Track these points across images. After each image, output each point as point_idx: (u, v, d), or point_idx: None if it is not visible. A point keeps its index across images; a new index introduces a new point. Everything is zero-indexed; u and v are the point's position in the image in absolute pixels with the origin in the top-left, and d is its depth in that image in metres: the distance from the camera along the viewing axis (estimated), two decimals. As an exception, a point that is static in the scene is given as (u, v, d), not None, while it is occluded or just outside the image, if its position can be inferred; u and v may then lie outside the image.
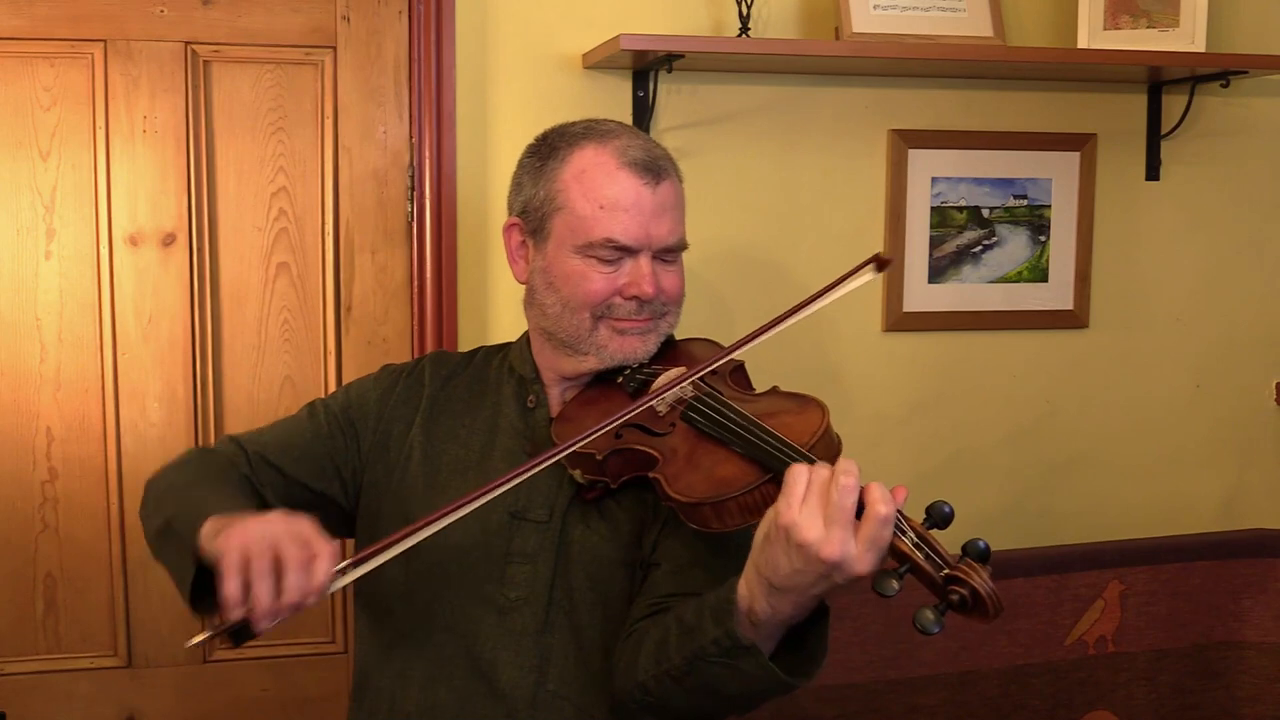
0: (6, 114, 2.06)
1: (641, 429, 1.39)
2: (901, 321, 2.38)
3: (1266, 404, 2.58)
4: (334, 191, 2.17)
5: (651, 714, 1.35)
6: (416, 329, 2.19)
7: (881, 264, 1.43)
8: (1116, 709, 2.26)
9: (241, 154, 2.14)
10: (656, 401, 1.39)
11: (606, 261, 1.47)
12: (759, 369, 1.54)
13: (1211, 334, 2.54)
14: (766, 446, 1.27)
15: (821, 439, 1.29)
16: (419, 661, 1.48)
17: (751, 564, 1.21)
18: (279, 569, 1.17)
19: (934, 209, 2.38)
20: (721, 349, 1.56)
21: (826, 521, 1.13)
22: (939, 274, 2.39)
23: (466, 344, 2.15)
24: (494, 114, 2.17)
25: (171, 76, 2.10)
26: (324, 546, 1.19)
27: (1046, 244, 2.44)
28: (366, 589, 1.58)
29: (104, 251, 2.10)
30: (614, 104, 2.19)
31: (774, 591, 1.18)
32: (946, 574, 1.15)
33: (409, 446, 1.56)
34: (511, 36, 2.17)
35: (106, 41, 2.07)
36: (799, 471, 1.16)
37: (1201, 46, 2.27)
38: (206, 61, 2.12)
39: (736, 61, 2.19)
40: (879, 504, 1.13)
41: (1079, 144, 2.42)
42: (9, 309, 2.09)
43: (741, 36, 2.13)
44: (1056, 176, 2.43)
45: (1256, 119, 2.51)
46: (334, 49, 2.15)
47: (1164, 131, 2.45)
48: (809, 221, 2.32)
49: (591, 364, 1.50)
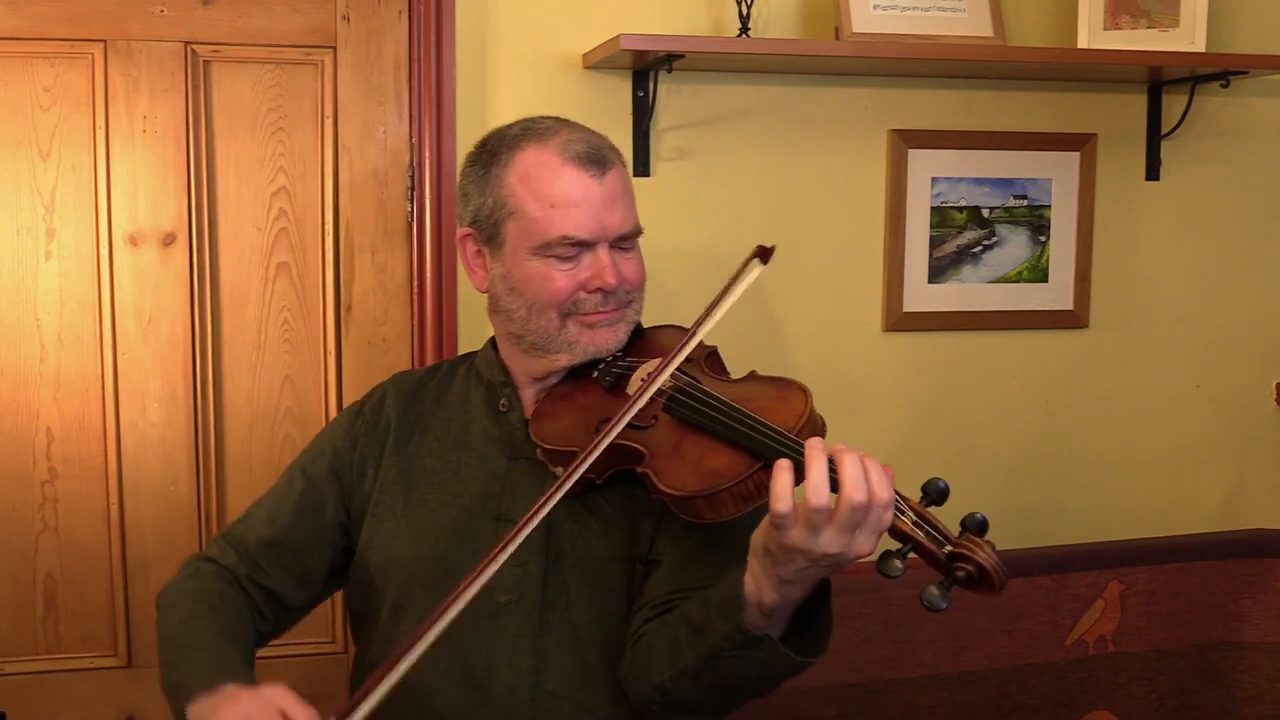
0: (6, 114, 2.06)
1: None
2: (901, 321, 2.38)
3: (1266, 404, 2.58)
4: (334, 191, 2.17)
5: (673, 712, 1.36)
6: (416, 329, 2.19)
7: (764, 255, 1.40)
8: (1116, 709, 2.26)
9: (241, 154, 2.14)
10: (642, 401, 1.39)
11: (565, 259, 1.47)
12: (752, 361, 1.54)
13: (1211, 334, 2.54)
14: (755, 434, 1.27)
15: (807, 423, 1.29)
16: (410, 675, 1.48)
17: (755, 564, 1.22)
18: None
19: (934, 209, 2.38)
20: (688, 332, 1.56)
21: (830, 530, 1.15)
22: (939, 274, 2.39)
23: (466, 344, 2.15)
24: (494, 114, 2.16)
25: (171, 76, 2.10)
26: (301, 713, 1.25)
27: (1046, 244, 2.44)
28: (354, 606, 1.58)
29: (104, 251, 2.10)
30: (614, 104, 2.19)
31: (783, 584, 1.20)
32: (950, 550, 1.16)
33: (383, 474, 1.56)
34: (511, 36, 2.17)
35: (106, 41, 2.07)
36: (783, 483, 1.17)
37: (1201, 46, 2.27)
38: (206, 61, 2.12)
39: (736, 61, 2.19)
40: (878, 490, 1.15)
41: (1079, 144, 2.42)
42: (9, 309, 2.09)
43: (741, 36, 2.13)
44: (1056, 176, 2.43)
45: (1256, 119, 2.51)
46: (334, 49, 2.15)
47: (1164, 132, 2.45)
48: (809, 221, 2.32)
49: (564, 361, 1.50)
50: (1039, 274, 2.44)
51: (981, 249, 2.41)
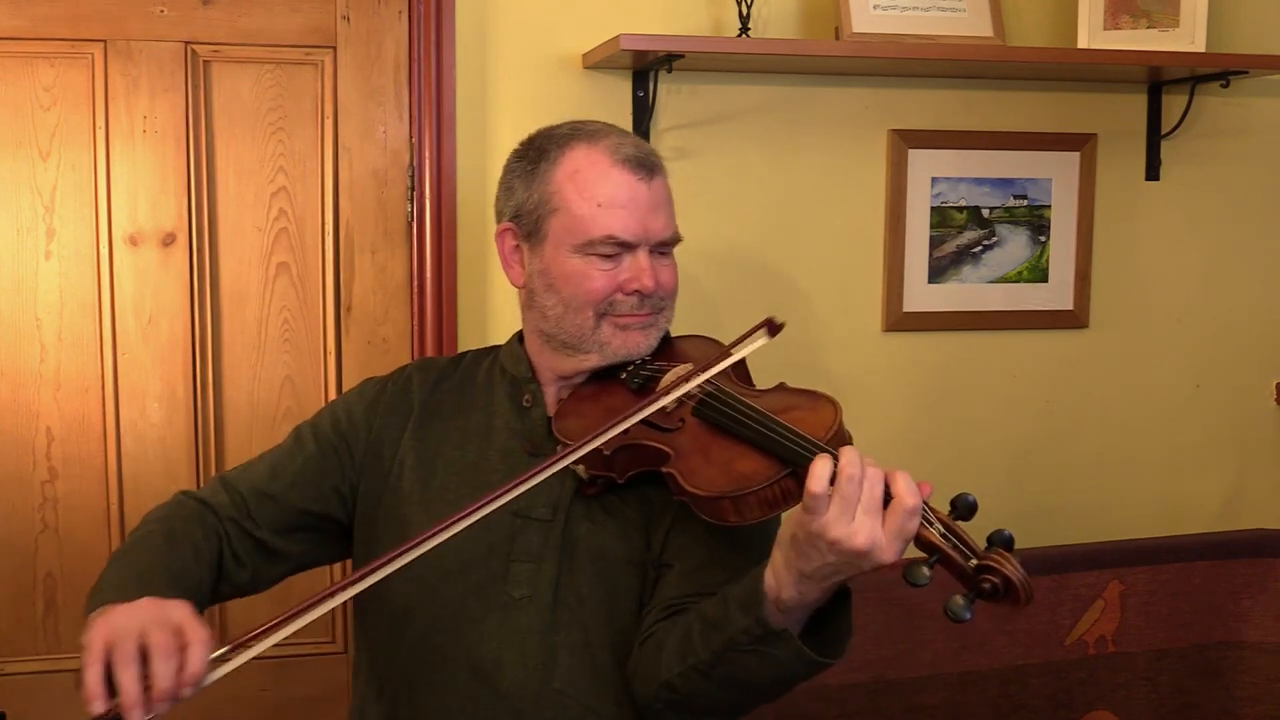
0: (6, 114, 2.06)
1: (649, 425, 1.39)
2: (901, 321, 2.38)
3: (1266, 404, 2.58)
4: (334, 191, 2.17)
5: (678, 712, 1.37)
6: (416, 329, 2.19)
7: (774, 329, 1.44)
8: (1116, 709, 2.26)
9: (241, 154, 2.14)
10: (666, 398, 1.39)
11: (606, 258, 1.47)
12: (758, 369, 1.54)
13: (1211, 334, 2.54)
14: (786, 440, 1.27)
15: (837, 433, 1.30)
16: (420, 665, 1.48)
17: (779, 555, 1.23)
18: (145, 658, 1.13)
19: (934, 209, 2.38)
20: (717, 344, 1.56)
21: (855, 514, 1.16)
22: (939, 274, 2.39)
23: (467, 344, 2.15)
24: (494, 114, 2.17)
25: (171, 76, 2.10)
26: (197, 633, 1.16)
27: (1046, 244, 2.44)
28: (363, 592, 1.57)
29: (104, 251, 2.10)
30: (614, 104, 2.19)
31: (803, 579, 1.20)
32: (976, 563, 1.17)
33: (401, 454, 1.55)
34: (511, 36, 2.17)
35: (106, 41, 2.07)
36: (822, 466, 1.18)
37: (1201, 46, 2.27)
38: (206, 61, 2.12)
39: (736, 61, 2.19)
40: (906, 495, 1.17)
41: (1079, 144, 2.42)
42: (9, 309, 2.09)
43: (741, 36, 2.13)
44: (1056, 176, 2.43)
45: (1256, 119, 2.51)
46: (334, 49, 2.15)
47: (1164, 132, 2.45)
48: (809, 221, 2.32)
49: (594, 361, 1.50)
50: (1039, 274, 2.44)
51: (981, 249, 2.41)
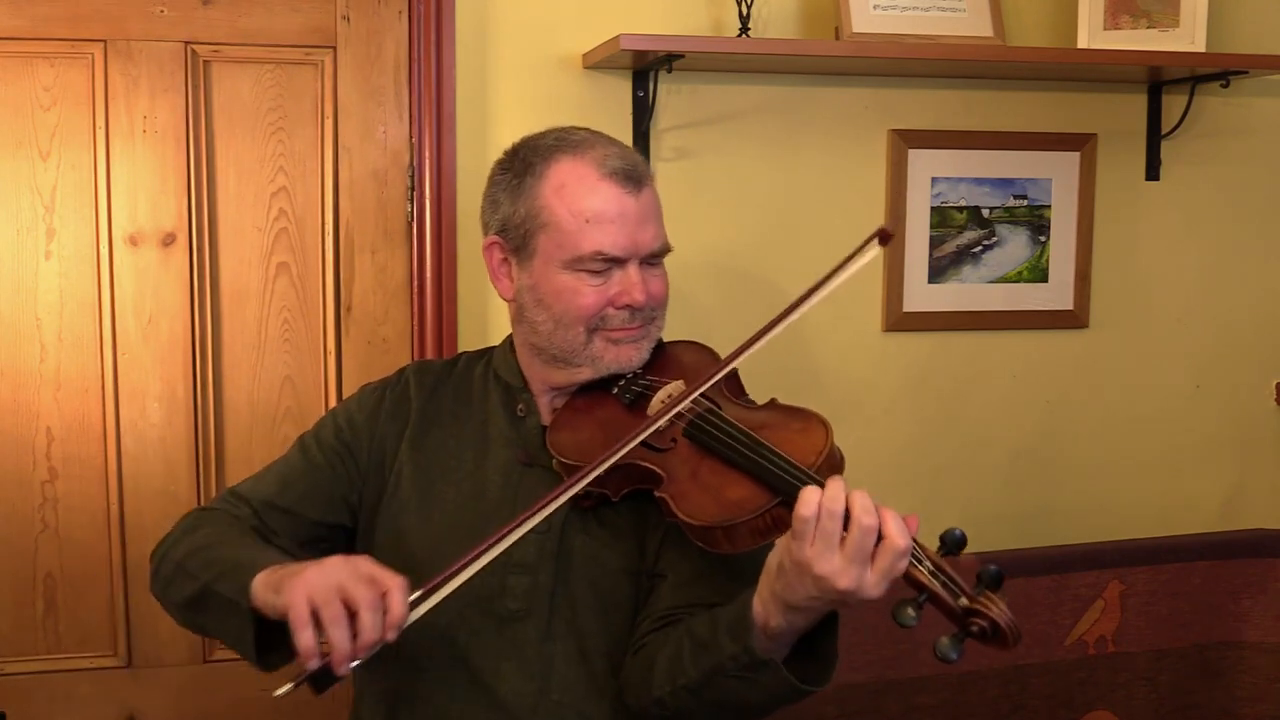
0: (6, 114, 2.06)
1: (642, 445, 1.38)
2: (901, 321, 2.38)
3: (1266, 404, 2.58)
4: (334, 191, 2.17)
5: None
6: (416, 329, 2.19)
7: (885, 238, 1.40)
8: (1116, 709, 2.26)
9: (241, 154, 2.14)
10: (660, 421, 1.38)
11: (596, 274, 1.46)
12: (758, 370, 1.54)
13: (1211, 334, 2.54)
14: (774, 469, 1.27)
15: (826, 459, 1.29)
16: (417, 676, 1.48)
17: (766, 586, 1.22)
18: (351, 611, 1.18)
19: (934, 209, 2.38)
20: (709, 351, 1.56)
21: (843, 557, 1.15)
22: (939, 274, 2.39)
23: (466, 344, 2.15)
24: (494, 114, 2.17)
25: (171, 76, 2.10)
26: (393, 580, 1.21)
27: (1046, 244, 2.44)
28: None
29: (104, 251, 2.10)
30: (614, 104, 2.19)
31: (790, 610, 1.20)
32: (965, 605, 1.16)
33: (399, 464, 1.55)
34: (511, 36, 2.17)
35: (106, 41, 2.07)
36: (808, 502, 1.17)
37: (1201, 46, 2.27)
38: (206, 61, 2.12)
39: (736, 61, 2.19)
40: (897, 537, 1.15)
41: (1079, 144, 2.42)
42: (9, 309, 2.09)
43: (741, 36, 2.13)
44: (1056, 176, 2.43)
45: (1256, 119, 2.51)
46: (334, 49, 2.15)
47: (1164, 131, 2.45)
48: (809, 222, 2.32)
49: (586, 375, 1.50)
50: (1039, 274, 2.44)
51: (981, 249, 2.41)
